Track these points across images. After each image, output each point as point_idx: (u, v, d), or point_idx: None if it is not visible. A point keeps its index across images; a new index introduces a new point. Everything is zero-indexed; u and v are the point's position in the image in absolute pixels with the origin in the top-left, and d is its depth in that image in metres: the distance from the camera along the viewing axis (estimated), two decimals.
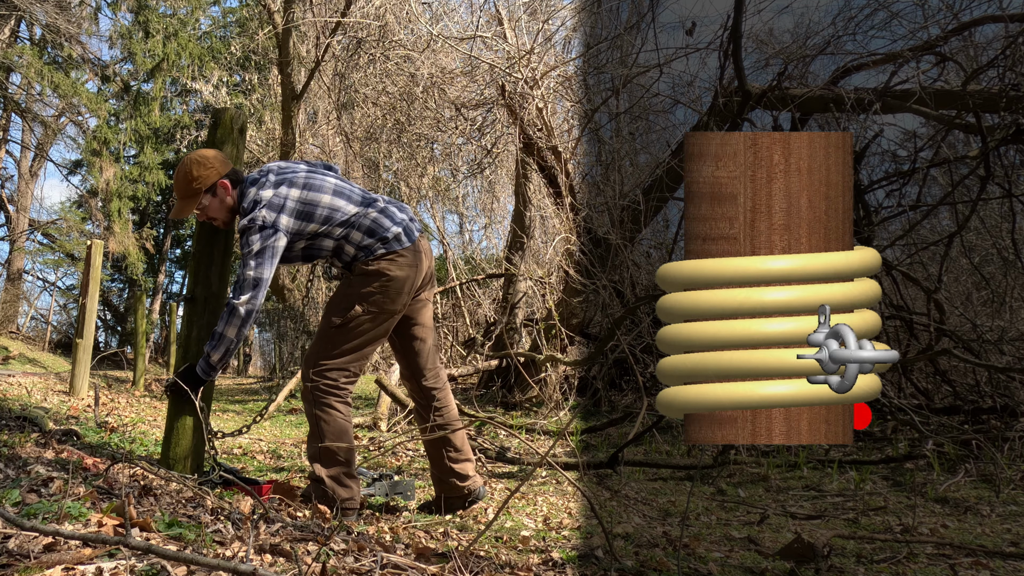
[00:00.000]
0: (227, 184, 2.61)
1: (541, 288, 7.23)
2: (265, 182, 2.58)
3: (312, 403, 2.59)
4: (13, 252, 19.78)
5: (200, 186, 2.58)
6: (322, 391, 2.57)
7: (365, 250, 2.59)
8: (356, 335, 2.59)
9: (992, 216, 6.36)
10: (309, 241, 2.60)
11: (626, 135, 6.92)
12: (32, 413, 3.69)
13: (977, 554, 2.43)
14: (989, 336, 5.18)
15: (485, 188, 10.94)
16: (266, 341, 29.96)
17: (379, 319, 2.60)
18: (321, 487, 2.53)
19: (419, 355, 2.82)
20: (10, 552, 1.34)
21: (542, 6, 7.48)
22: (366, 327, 2.59)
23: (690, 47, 5.63)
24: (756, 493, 3.80)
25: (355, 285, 2.60)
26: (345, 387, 2.61)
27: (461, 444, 2.83)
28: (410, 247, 2.62)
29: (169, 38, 21.89)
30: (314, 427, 2.59)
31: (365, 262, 2.59)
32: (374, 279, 2.57)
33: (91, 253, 6.35)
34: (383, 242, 2.58)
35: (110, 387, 8.03)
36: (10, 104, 19.14)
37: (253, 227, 2.49)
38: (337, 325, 2.58)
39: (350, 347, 2.59)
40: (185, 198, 2.61)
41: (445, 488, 2.83)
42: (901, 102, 5.09)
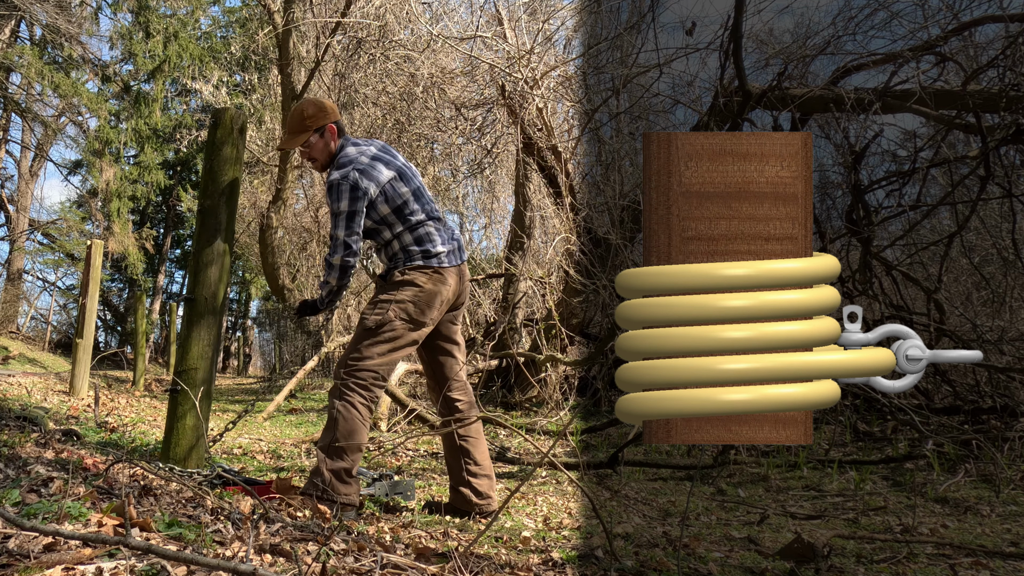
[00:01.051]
0: (334, 130, 2.81)
1: (541, 288, 7.23)
2: (365, 149, 2.77)
3: (337, 397, 2.65)
4: (13, 252, 19.78)
5: (312, 124, 2.78)
6: (350, 388, 2.64)
7: (407, 254, 2.72)
8: (387, 340, 2.67)
9: (992, 216, 6.36)
10: (375, 223, 2.74)
11: (626, 135, 6.92)
12: (32, 413, 3.69)
13: (977, 554, 2.43)
14: (989, 336, 5.18)
15: (485, 188, 10.93)
16: (266, 341, 30.02)
17: (409, 327, 2.69)
18: (320, 480, 2.55)
19: (446, 368, 2.90)
20: (10, 552, 1.34)
21: (542, 6, 7.47)
22: (397, 332, 2.67)
23: (690, 47, 5.62)
24: (756, 493, 3.80)
25: (389, 292, 2.71)
26: (372, 388, 2.67)
27: (482, 460, 2.85)
28: (448, 268, 2.75)
29: (169, 39, 21.91)
30: (331, 420, 2.64)
31: (402, 269, 2.72)
32: (408, 289, 2.69)
33: (91, 253, 6.35)
34: (424, 255, 2.72)
35: (110, 387, 8.03)
36: (10, 104, 19.14)
37: (345, 185, 2.65)
38: (369, 328, 2.68)
39: (381, 351, 2.67)
40: (295, 133, 2.82)
41: (458, 499, 2.84)
42: (901, 102, 5.09)
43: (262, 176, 14.03)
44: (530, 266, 7.48)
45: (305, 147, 2.83)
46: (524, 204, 7.88)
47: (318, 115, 2.79)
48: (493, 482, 2.87)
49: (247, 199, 13.81)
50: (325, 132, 2.80)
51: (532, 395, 6.86)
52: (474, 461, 2.83)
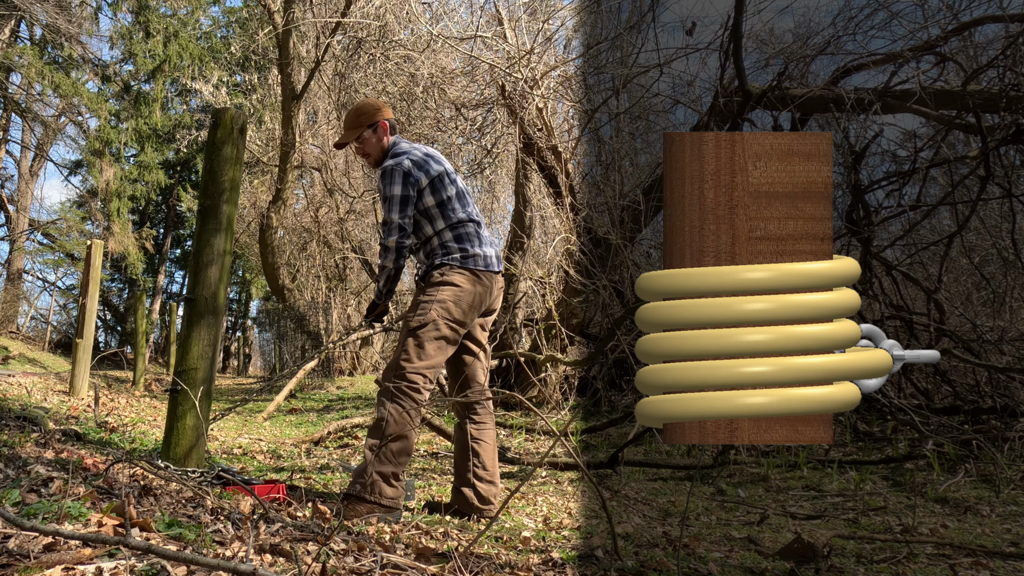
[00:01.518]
0: (387, 126, 2.97)
1: (541, 288, 7.23)
2: (416, 148, 2.90)
3: (389, 399, 2.66)
4: (13, 252, 19.79)
5: (365, 120, 2.95)
6: (403, 392, 2.66)
7: (446, 251, 2.79)
8: (432, 339, 2.70)
9: (992, 216, 6.36)
10: (420, 215, 2.83)
11: (626, 135, 6.92)
12: (32, 413, 3.69)
13: (977, 554, 2.43)
14: (989, 336, 5.18)
15: (485, 188, 10.93)
16: (266, 341, 29.99)
17: (451, 326, 2.73)
18: (366, 480, 2.57)
19: (472, 370, 2.92)
20: (10, 552, 1.34)
21: (542, 6, 7.48)
22: (442, 332, 2.71)
23: (690, 47, 5.62)
24: (756, 493, 3.80)
25: (430, 293, 2.75)
26: (423, 391, 2.69)
27: (491, 465, 2.86)
28: (486, 272, 2.80)
29: (169, 38, 21.91)
30: (381, 420, 2.65)
31: (441, 270, 2.77)
32: (447, 288, 2.73)
33: (91, 253, 6.35)
34: (463, 254, 2.78)
35: (110, 387, 8.03)
36: (10, 104, 19.15)
37: (398, 171, 2.77)
38: (414, 330, 2.71)
39: (427, 352, 2.70)
40: (350, 128, 2.98)
41: (460, 499, 2.85)
42: (901, 102, 5.09)
43: (262, 176, 14.03)
44: (530, 266, 7.48)
45: (359, 142, 2.97)
46: (524, 204, 7.88)
47: (372, 112, 2.95)
48: (498, 490, 2.87)
49: (247, 199, 13.82)
50: (378, 128, 2.95)
51: (532, 395, 6.86)
52: (482, 465, 2.84)
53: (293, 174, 12.44)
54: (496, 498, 2.86)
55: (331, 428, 5.40)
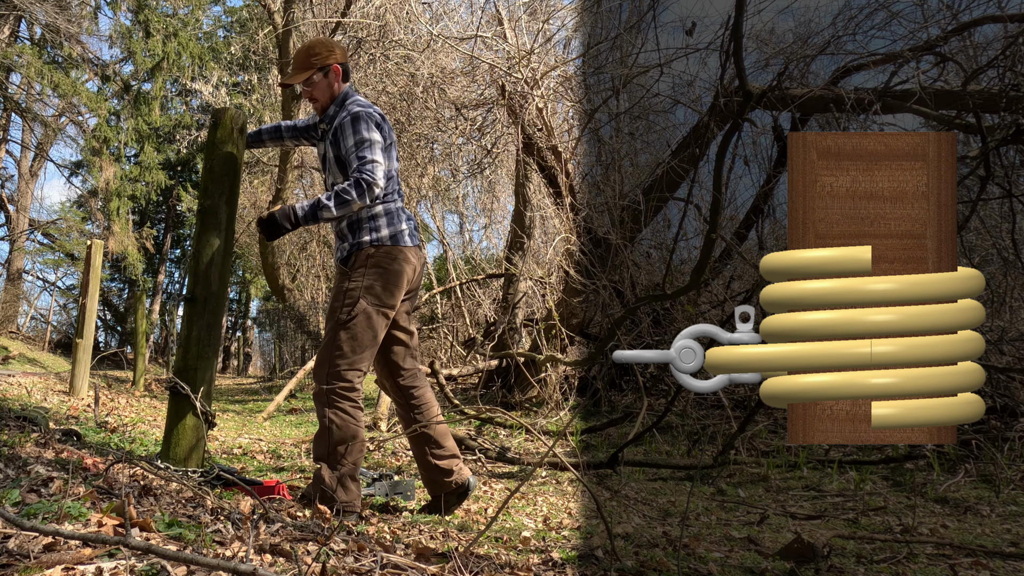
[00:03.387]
0: (339, 71, 2.77)
1: (541, 288, 7.23)
2: (373, 112, 2.69)
3: (326, 404, 2.60)
4: (13, 252, 19.78)
5: (317, 62, 2.74)
6: (338, 394, 2.59)
7: (373, 228, 2.64)
8: (363, 329, 2.61)
9: (992, 216, 6.35)
10: None
11: (626, 135, 6.92)
12: (32, 413, 3.69)
13: (977, 554, 2.43)
14: (989, 336, 5.17)
15: (485, 188, 10.93)
16: (266, 341, 30.00)
17: (380, 309, 2.63)
18: (322, 487, 2.54)
19: (396, 355, 2.82)
20: (10, 552, 1.34)
21: (542, 6, 7.48)
22: (373, 320, 2.61)
23: (690, 47, 5.62)
24: (756, 493, 3.80)
25: (355, 279, 2.63)
26: (359, 387, 2.63)
27: (443, 440, 2.80)
28: (411, 247, 2.69)
29: (169, 38, 21.90)
30: (324, 428, 2.60)
31: (366, 251, 2.63)
32: (372, 272, 2.62)
33: (91, 253, 6.35)
34: (391, 231, 2.65)
35: (110, 387, 8.03)
36: (10, 104, 19.14)
37: (375, 119, 2.63)
38: (344, 322, 2.60)
39: (359, 343, 2.61)
40: (299, 69, 2.77)
41: (435, 487, 2.82)
42: (901, 102, 5.09)
43: (262, 176, 14.03)
44: (530, 266, 7.48)
45: (307, 84, 2.77)
46: (524, 204, 7.88)
47: (325, 54, 2.75)
48: (458, 459, 2.81)
49: (247, 199, 13.81)
50: (330, 72, 2.76)
51: (532, 395, 6.86)
52: (436, 444, 2.78)
53: (293, 174, 12.43)
54: (458, 465, 2.79)
55: None
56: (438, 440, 2.79)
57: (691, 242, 7.05)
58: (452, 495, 2.81)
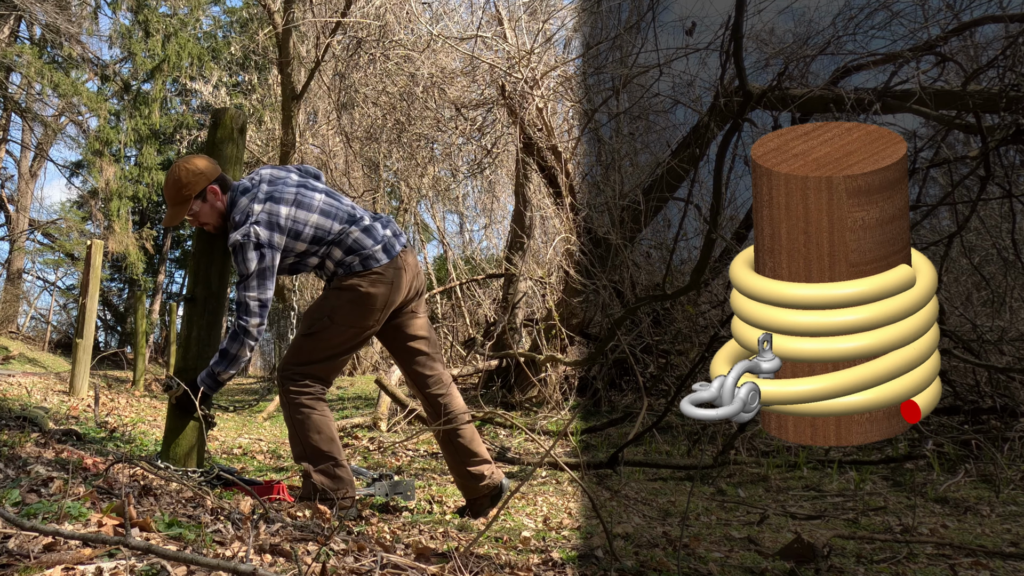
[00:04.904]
0: (216, 190, 2.66)
1: (541, 288, 7.23)
2: (257, 193, 2.60)
3: (287, 406, 2.63)
4: (13, 252, 19.79)
5: (190, 192, 2.63)
6: (294, 393, 2.61)
7: (344, 266, 2.64)
8: (325, 346, 2.63)
9: (992, 216, 6.35)
10: (296, 258, 2.65)
11: (626, 135, 6.92)
12: (32, 413, 3.69)
13: (977, 554, 2.43)
14: (989, 336, 5.17)
15: (485, 188, 10.94)
16: (266, 341, 29.96)
17: (348, 333, 2.64)
18: (311, 482, 2.55)
19: (417, 364, 2.83)
20: (10, 552, 1.34)
21: (542, 6, 7.48)
22: (335, 339, 2.63)
23: (690, 47, 5.62)
24: (756, 493, 3.80)
25: (329, 298, 2.65)
26: (314, 386, 2.63)
27: (474, 447, 2.82)
28: (388, 263, 2.64)
29: (169, 38, 21.91)
30: (292, 428, 2.62)
31: (342, 277, 2.64)
32: (346, 294, 2.61)
33: (91, 253, 6.35)
34: (362, 260, 2.62)
35: (110, 387, 8.03)
36: (10, 104, 19.15)
37: (248, 244, 2.51)
38: (306, 334, 2.64)
39: (319, 356, 2.64)
40: (176, 204, 2.66)
41: (469, 492, 2.84)
42: (901, 102, 5.08)
43: None
44: (530, 266, 7.48)
45: (191, 216, 2.67)
46: (524, 204, 7.88)
47: (194, 181, 2.62)
48: (490, 464, 2.83)
49: None
50: (207, 195, 2.65)
51: (532, 395, 6.86)
52: (467, 451, 2.80)
53: None
54: (490, 469, 2.81)
55: None
56: (469, 448, 2.81)
57: (691, 242, 7.04)
58: (485, 499, 2.82)
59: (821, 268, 1.13)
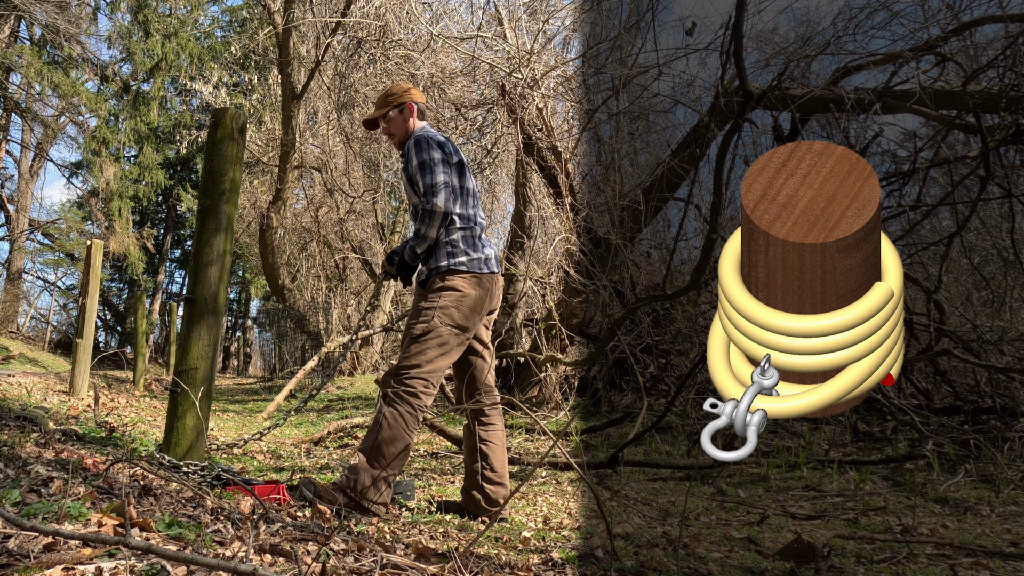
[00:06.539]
0: (413, 108, 2.96)
1: (541, 288, 7.22)
2: (433, 135, 2.83)
3: (386, 402, 2.66)
4: (13, 252, 19.78)
5: (393, 100, 2.96)
6: (399, 396, 2.64)
7: (450, 255, 2.74)
8: (435, 346, 2.68)
9: (992, 216, 6.35)
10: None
11: (626, 135, 6.92)
12: (32, 413, 3.69)
13: (977, 554, 2.42)
14: (989, 336, 5.18)
15: (485, 188, 10.93)
16: (266, 341, 30.00)
17: (454, 332, 2.70)
18: (355, 480, 2.56)
19: (478, 370, 2.90)
20: (10, 552, 1.34)
21: (542, 6, 7.47)
22: (444, 339, 2.68)
23: (690, 47, 5.62)
24: (756, 493, 3.80)
25: (432, 299, 2.72)
26: (422, 396, 2.66)
27: (499, 467, 2.85)
28: (489, 275, 2.77)
29: (168, 38, 21.90)
30: (376, 422, 2.64)
31: (443, 275, 2.72)
32: (449, 293, 2.70)
33: (91, 253, 6.35)
34: (468, 256, 2.74)
35: (110, 387, 8.03)
36: (10, 104, 19.15)
37: (433, 142, 2.76)
38: (416, 337, 2.68)
39: (429, 357, 2.68)
40: (378, 107, 3.01)
41: (469, 502, 2.86)
42: (901, 102, 5.08)
43: (262, 176, 14.03)
44: (530, 266, 7.48)
45: (385, 121, 2.97)
46: (524, 204, 7.88)
47: (400, 93, 2.97)
48: (506, 491, 2.87)
49: (247, 199, 13.82)
50: (405, 109, 2.95)
51: (532, 395, 6.86)
52: (491, 467, 2.84)
53: (293, 174, 12.43)
54: (504, 498, 2.85)
55: (331, 428, 5.40)
56: (493, 462, 2.84)
57: (691, 242, 7.05)
58: (480, 515, 2.84)
59: (814, 303, 1.23)
